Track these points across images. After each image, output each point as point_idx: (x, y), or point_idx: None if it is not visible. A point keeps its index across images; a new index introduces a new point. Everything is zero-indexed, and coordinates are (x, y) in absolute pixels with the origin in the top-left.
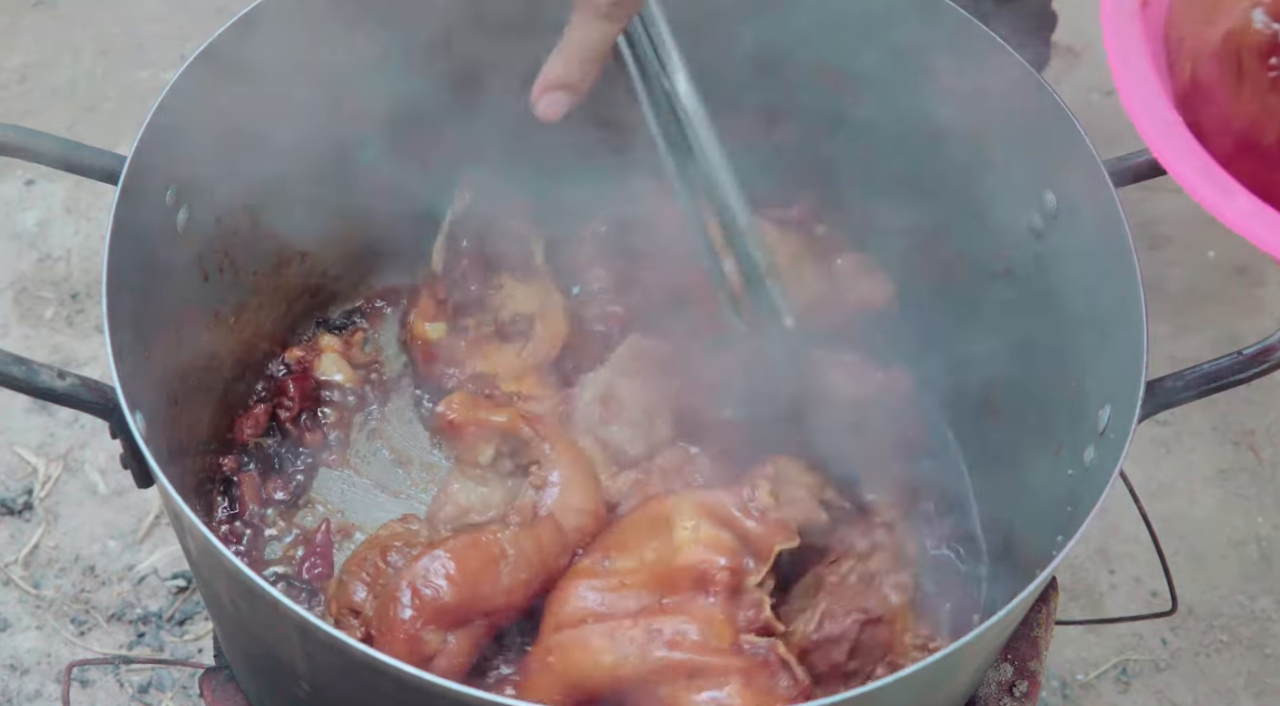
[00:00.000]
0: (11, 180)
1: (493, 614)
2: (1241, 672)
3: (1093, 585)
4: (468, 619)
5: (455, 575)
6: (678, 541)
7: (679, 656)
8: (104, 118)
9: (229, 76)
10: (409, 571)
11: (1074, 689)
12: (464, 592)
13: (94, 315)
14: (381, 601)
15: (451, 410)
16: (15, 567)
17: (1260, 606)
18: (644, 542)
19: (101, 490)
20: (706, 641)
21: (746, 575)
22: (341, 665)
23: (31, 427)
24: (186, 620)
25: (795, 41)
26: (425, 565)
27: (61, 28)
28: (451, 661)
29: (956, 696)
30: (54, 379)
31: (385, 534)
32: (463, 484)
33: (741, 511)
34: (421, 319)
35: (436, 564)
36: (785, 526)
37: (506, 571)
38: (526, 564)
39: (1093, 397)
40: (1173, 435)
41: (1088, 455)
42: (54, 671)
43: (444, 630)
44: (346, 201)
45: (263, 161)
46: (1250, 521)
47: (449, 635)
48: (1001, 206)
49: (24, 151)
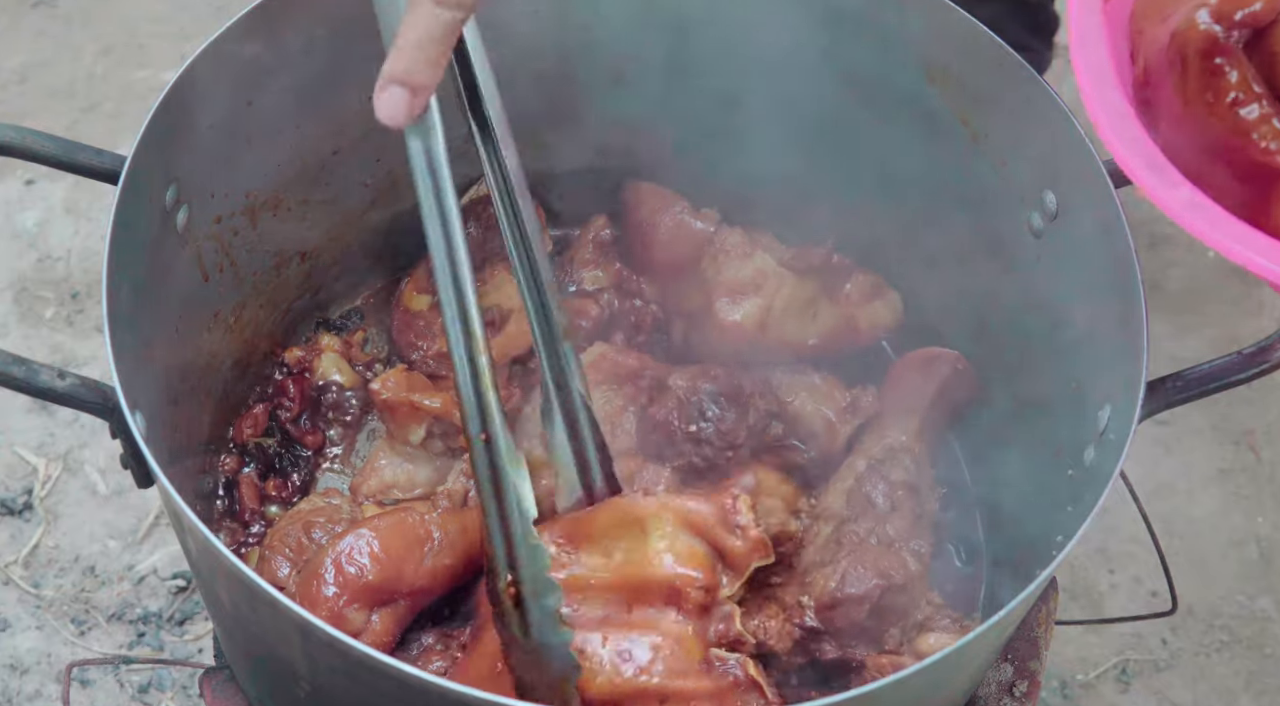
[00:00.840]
0: (11, 180)
1: (415, 594)
2: (1241, 672)
3: (1093, 585)
4: (391, 598)
5: (380, 554)
6: (652, 550)
7: (650, 681)
8: (104, 118)
9: (229, 76)
10: (333, 548)
11: (1074, 689)
12: (388, 572)
13: (94, 315)
14: (305, 577)
15: (385, 389)
16: (15, 567)
17: (1260, 606)
18: (615, 541)
19: (101, 490)
20: (677, 662)
21: (719, 591)
22: (341, 665)
23: (31, 427)
24: (186, 620)
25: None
26: (350, 543)
27: (61, 28)
28: (375, 640)
29: (956, 696)
30: (54, 379)
31: (307, 508)
32: (390, 459)
33: (722, 526)
34: (412, 289)
35: (361, 542)
36: (764, 544)
37: (431, 553)
38: (451, 548)
39: (1093, 397)
40: (1173, 435)
41: (1088, 455)
42: (54, 671)
43: (367, 608)
44: (346, 201)
45: (263, 161)
46: (1250, 521)
47: (372, 614)
48: (1001, 206)
49: (24, 151)
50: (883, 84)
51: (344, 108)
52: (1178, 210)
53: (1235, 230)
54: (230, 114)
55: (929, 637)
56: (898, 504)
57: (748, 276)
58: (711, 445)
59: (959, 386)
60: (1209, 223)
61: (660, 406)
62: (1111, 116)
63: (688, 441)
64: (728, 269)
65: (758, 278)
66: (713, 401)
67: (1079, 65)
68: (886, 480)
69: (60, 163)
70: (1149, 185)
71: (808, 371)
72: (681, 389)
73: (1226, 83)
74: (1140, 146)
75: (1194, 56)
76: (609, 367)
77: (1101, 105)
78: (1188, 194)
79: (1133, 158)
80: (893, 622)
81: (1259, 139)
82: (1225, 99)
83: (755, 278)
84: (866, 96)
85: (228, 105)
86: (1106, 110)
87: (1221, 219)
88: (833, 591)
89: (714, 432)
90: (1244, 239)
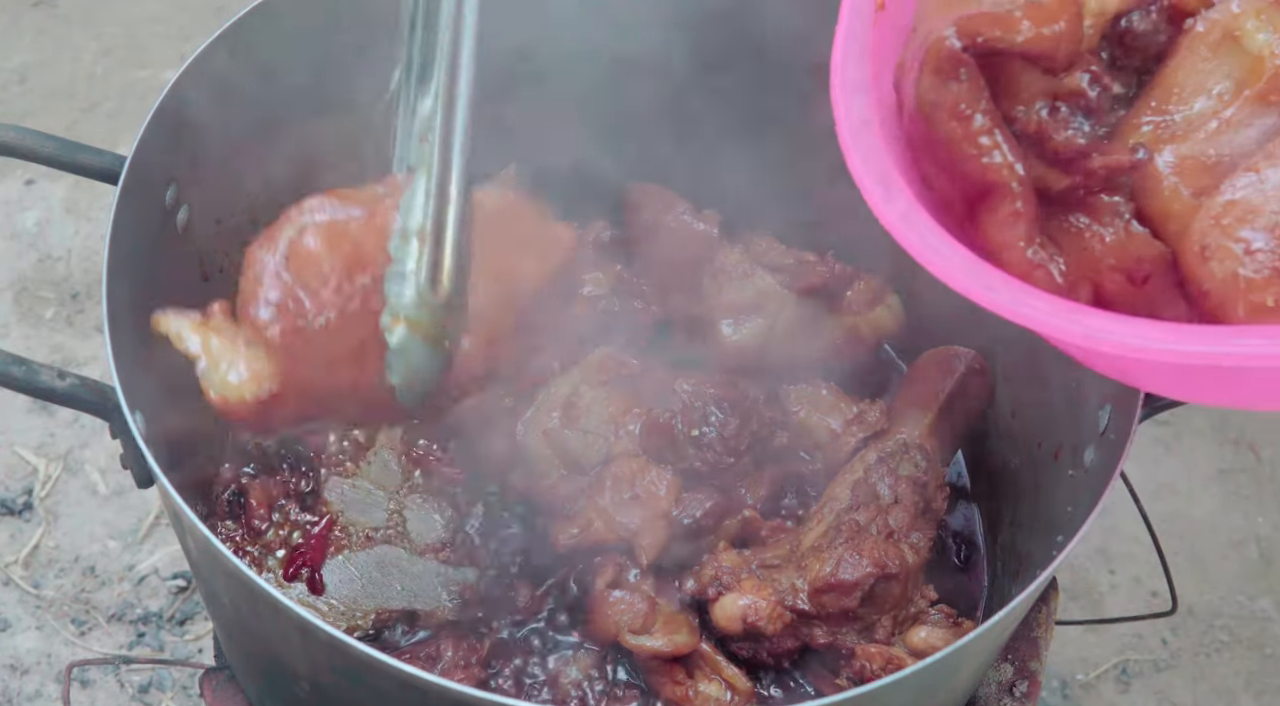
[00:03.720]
0: (11, 180)
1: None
2: (1241, 672)
3: (1093, 585)
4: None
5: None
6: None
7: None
8: (104, 118)
9: (229, 77)
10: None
11: (1074, 689)
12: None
13: (94, 315)
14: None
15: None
16: (15, 567)
17: (1260, 606)
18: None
19: (101, 490)
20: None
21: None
22: (342, 665)
23: (31, 427)
24: (186, 620)
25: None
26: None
27: (61, 28)
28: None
29: (957, 696)
30: (54, 379)
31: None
32: None
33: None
34: None
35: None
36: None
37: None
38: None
39: (1093, 397)
40: (1173, 435)
41: (1088, 455)
42: (54, 671)
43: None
44: None
45: (263, 162)
46: (1250, 521)
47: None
48: None
49: (24, 151)
50: None
51: (344, 107)
52: (893, 222)
53: (944, 248)
54: (230, 114)
55: (920, 631)
56: (901, 497)
57: (749, 298)
58: (714, 450)
59: (975, 386)
60: (920, 237)
61: (664, 409)
62: (854, 127)
63: (690, 445)
64: (728, 289)
65: (759, 299)
66: (716, 407)
67: (835, 73)
68: (894, 473)
69: (60, 163)
70: (871, 195)
71: (815, 382)
72: (686, 393)
73: (954, 92)
74: (872, 155)
75: (931, 63)
76: (612, 369)
77: (847, 114)
78: (903, 206)
79: (863, 166)
80: (884, 612)
81: (976, 151)
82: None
83: (756, 299)
84: None
85: (228, 105)
86: (850, 120)
87: (931, 234)
88: (826, 576)
89: (716, 438)
90: (950, 257)
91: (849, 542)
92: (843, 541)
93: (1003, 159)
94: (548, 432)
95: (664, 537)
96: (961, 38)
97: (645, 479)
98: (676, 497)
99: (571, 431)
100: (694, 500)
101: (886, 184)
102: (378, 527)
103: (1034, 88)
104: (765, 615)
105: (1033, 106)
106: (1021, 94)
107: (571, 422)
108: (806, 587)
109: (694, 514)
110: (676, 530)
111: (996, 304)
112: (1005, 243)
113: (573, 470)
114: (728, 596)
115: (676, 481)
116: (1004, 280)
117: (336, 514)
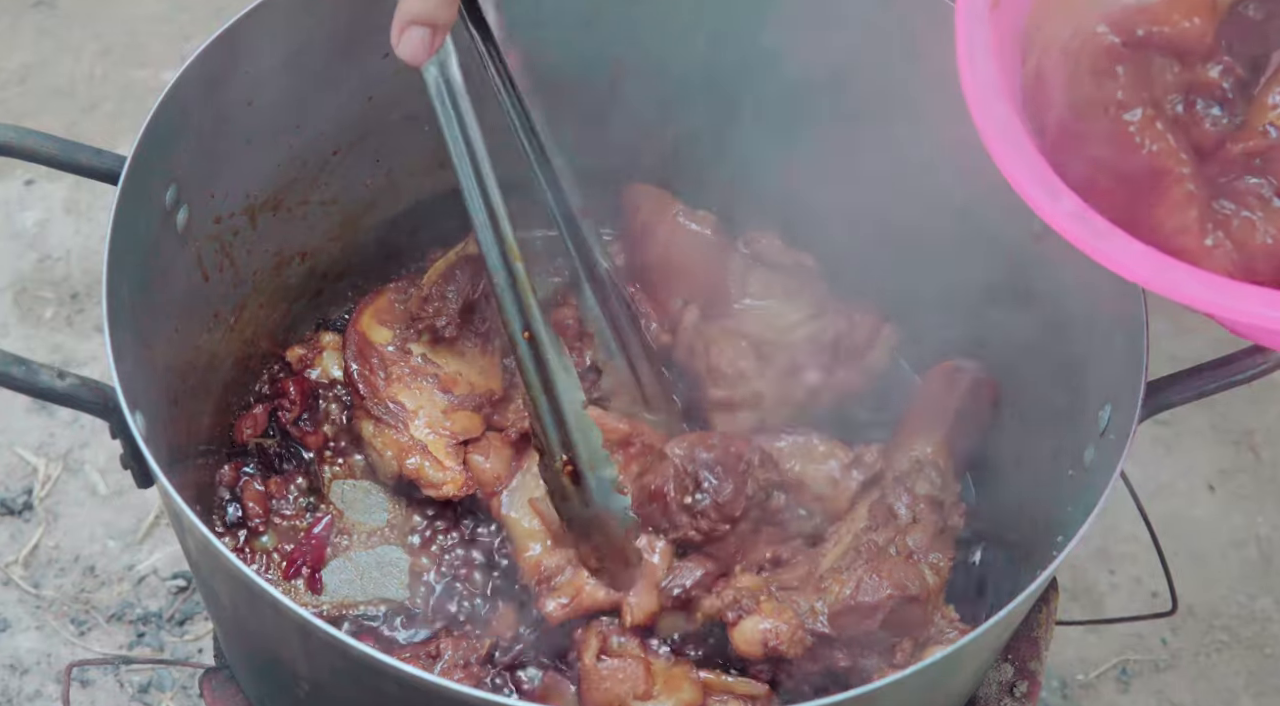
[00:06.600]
0: (11, 180)
1: None
2: (1241, 672)
3: (1093, 585)
4: None
5: None
6: None
7: None
8: (104, 118)
9: (228, 77)
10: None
11: (1074, 689)
12: None
13: (94, 315)
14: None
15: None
16: (15, 567)
17: (1260, 606)
18: None
19: (101, 490)
20: None
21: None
22: (342, 665)
23: (31, 428)
24: (186, 620)
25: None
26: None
27: (61, 28)
28: None
29: (957, 696)
30: (54, 379)
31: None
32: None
33: None
34: (372, 318)
35: None
36: None
37: None
38: None
39: (1093, 397)
40: (1173, 435)
41: (1088, 455)
42: (54, 671)
43: None
44: (346, 201)
45: (263, 161)
46: (1250, 521)
47: None
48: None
49: (24, 151)
50: (882, 84)
51: (344, 108)
52: (1062, 222)
53: (1119, 241)
54: (230, 114)
55: (937, 652)
56: (919, 516)
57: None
58: (708, 518)
59: (981, 399)
60: (1093, 233)
61: (655, 475)
62: (999, 129)
63: (684, 514)
64: (715, 355)
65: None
66: (709, 471)
67: (965, 76)
68: (910, 492)
69: (60, 163)
70: (1033, 198)
71: (808, 434)
72: (678, 458)
73: (1114, 86)
74: (1026, 157)
75: (1086, 61)
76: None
77: (988, 117)
78: (1071, 205)
79: (1018, 170)
80: (905, 634)
81: (1141, 142)
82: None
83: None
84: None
85: (228, 105)
86: (993, 122)
87: (1104, 229)
88: (846, 598)
89: (710, 505)
90: (1126, 249)
91: (868, 564)
92: (862, 563)
93: (1169, 145)
94: (534, 503)
95: (655, 606)
96: (1117, 33)
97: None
98: (669, 566)
99: None
100: (685, 569)
101: (1046, 184)
102: (378, 528)
103: (1168, 82)
104: (786, 638)
105: (1168, 100)
106: (1155, 89)
107: None
108: (826, 610)
109: (684, 583)
110: (667, 600)
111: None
112: (1180, 227)
113: (559, 541)
114: (748, 620)
115: (669, 549)
116: (1188, 270)
117: (336, 514)
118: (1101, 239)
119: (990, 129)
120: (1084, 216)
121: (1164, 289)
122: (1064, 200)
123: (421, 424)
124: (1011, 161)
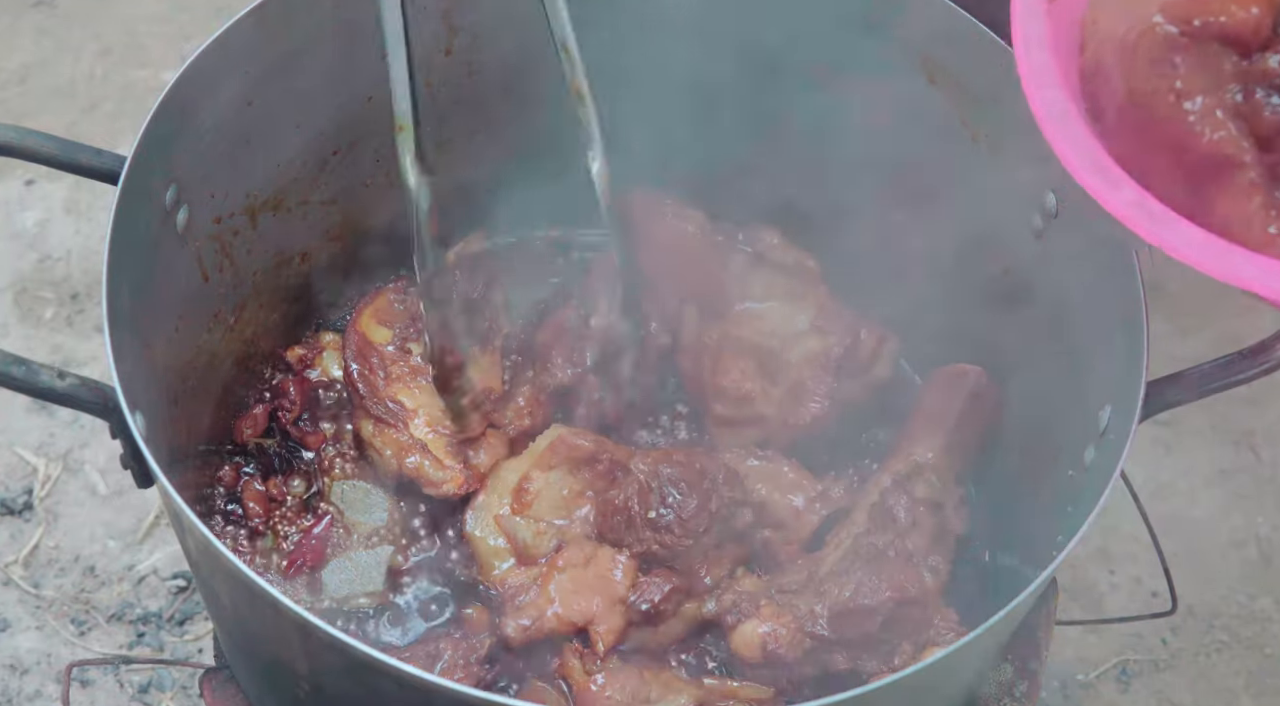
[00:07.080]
0: (11, 180)
1: None
2: (1241, 672)
3: (1093, 585)
4: None
5: None
6: None
7: None
8: (104, 118)
9: (229, 76)
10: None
11: (1074, 689)
12: None
13: (94, 315)
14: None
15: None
16: (15, 567)
17: (1260, 606)
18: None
19: (101, 490)
20: None
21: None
22: (342, 665)
23: (31, 428)
24: (186, 620)
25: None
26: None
27: (61, 28)
28: None
29: (957, 696)
30: (54, 379)
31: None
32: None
33: None
34: (372, 318)
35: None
36: None
37: None
38: None
39: (1093, 397)
40: (1173, 435)
41: (1088, 455)
42: (54, 671)
43: None
44: (346, 201)
45: (263, 161)
46: (1250, 521)
47: None
48: (1001, 206)
49: (24, 151)
50: (883, 84)
51: (344, 108)
52: (1122, 209)
53: (1179, 228)
54: (230, 114)
55: (935, 654)
56: (919, 519)
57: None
58: (672, 533)
59: (984, 403)
60: (1152, 220)
61: (620, 490)
62: (1055, 118)
63: (647, 528)
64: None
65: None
66: (674, 487)
67: (1023, 68)
68: (910, 495)
69: (60, 163)
70: (1093, 186)
71: (777, 460)
72: (642, 473)
73: (1173, 75)
74: (1084, 146)
75: (1144, 52)
76: (565, 451)
77: (1045, 107)
78: (1131, 193)
79: (1077, 158)
80: (905, 637)
81: (1202, 131)
82: (1170, 91)
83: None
84: (866, 97)
85: (228, 105)
86: (1050, 112)
87: (1164, 216)
88: (846, 600)
89: (674, 520)
90: (1186, 236)
91: (868, 566)
92: (861, 565)
93: (1231, 133)
94: (499, 519)
95: (621, 623)
96: (1175, 23)
97: (600, 563)
98: (633, 582)
99: (522, 519)
100: (651, 584)
101: (1105, 172)
102: (378, 528)
103: (1226, 71)
104: (785, 641)
105: (1227, 89)
106: (1214, 78)
107: (522, 509)
108: (826, 612)
109: (652, 598)
110: (634, 616)
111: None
112: (1242, 215)
113: (523, 559)
114: (747, 623)
115: (633, 565)
116: (1250, 256)
117: (336, 514)
118: (1160, 225)
119: (1045, 115)
120: (1143, 203)
121: (1226, 275)
122: (1123, 188)
123: (421, 423)
124: (1067, 147)
